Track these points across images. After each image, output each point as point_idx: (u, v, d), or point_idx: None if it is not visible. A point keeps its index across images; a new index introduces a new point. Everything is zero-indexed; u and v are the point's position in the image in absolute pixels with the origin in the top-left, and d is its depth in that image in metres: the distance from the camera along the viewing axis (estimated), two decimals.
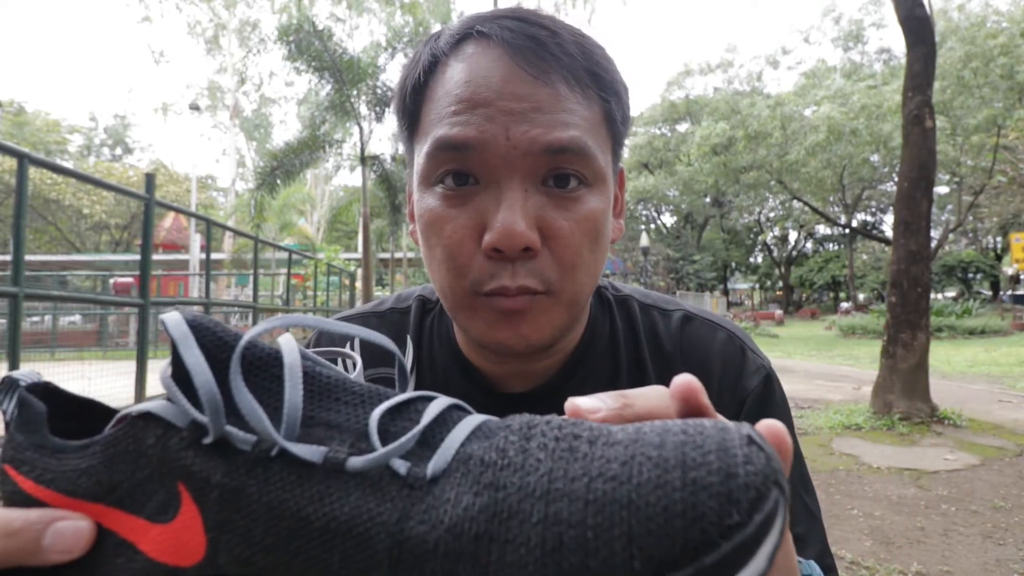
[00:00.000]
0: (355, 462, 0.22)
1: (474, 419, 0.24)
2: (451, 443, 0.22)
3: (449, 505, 0.20)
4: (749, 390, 0.58)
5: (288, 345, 0.24)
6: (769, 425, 0.25)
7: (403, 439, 0.22)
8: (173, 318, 0.23)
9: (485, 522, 0.20)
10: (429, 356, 0.60)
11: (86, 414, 0.29)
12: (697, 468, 0.19)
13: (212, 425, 0.22)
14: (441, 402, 0.24)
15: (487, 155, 0.45)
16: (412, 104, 0.50)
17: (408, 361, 0.59)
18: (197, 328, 0.23)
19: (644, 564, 0.18)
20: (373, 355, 0.57)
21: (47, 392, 0.28)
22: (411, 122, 0.51)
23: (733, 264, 44.01)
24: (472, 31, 0.47)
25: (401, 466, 0.22)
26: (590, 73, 0.47)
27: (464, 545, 0.20)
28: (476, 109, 0.45)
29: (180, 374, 0.23)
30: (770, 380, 0.59)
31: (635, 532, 0.18)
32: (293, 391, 0.23)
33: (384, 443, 0.22)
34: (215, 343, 0.23)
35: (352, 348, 0.59)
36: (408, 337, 0.61)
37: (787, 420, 0.58)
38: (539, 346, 0.50)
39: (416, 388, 0.56)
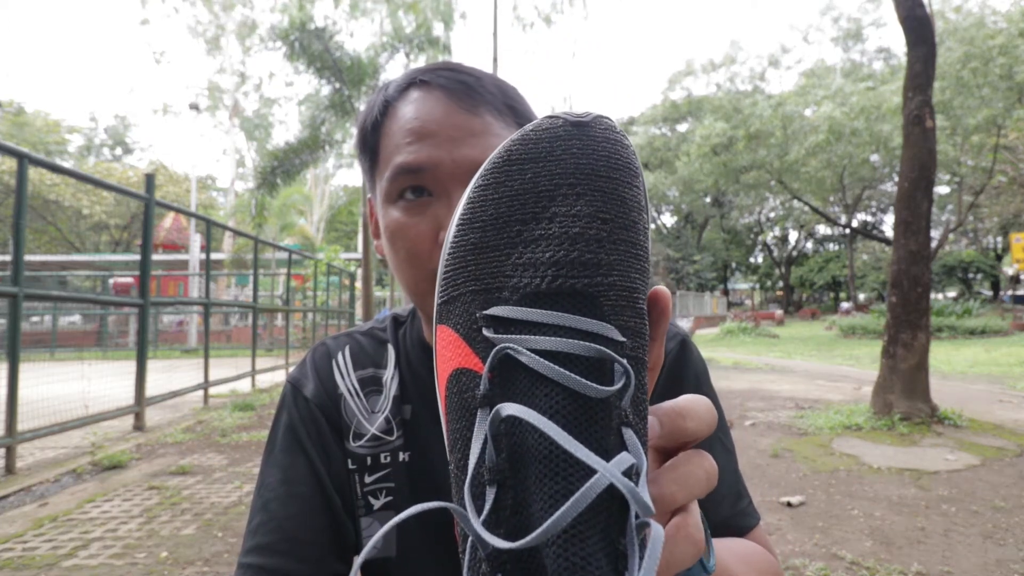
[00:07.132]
0: None
1: None
2: None
3: None
4: (667, 351, 0.67)
5: None
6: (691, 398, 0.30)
7: None
8: None
9: None
10: (405, 354, 0.70)
11: None
12: None
13: None
14: None
15: (438, 173, 0.55)
16: (372, 140, 0.61)
17: (391, 359, 0.69)
18: None
19: None
20: (362, 358, 0.68)
21: None
22: (372, 156, 0.61)
23: (733, 264, 44.00)
24: (416, 80, 0.59)
25: None
26: (509, 107, 0.60)
27: None
28: (425, 139, 0.56)
29: None
30: (685, 343, 0.68)
31: None
32: None
33: None
34: None
35: (344, 356, 0.68)
36: (388, 344, 0.72)
37: (704, 376, 0.68)
38: None
39: (397, 379, 0.66)
